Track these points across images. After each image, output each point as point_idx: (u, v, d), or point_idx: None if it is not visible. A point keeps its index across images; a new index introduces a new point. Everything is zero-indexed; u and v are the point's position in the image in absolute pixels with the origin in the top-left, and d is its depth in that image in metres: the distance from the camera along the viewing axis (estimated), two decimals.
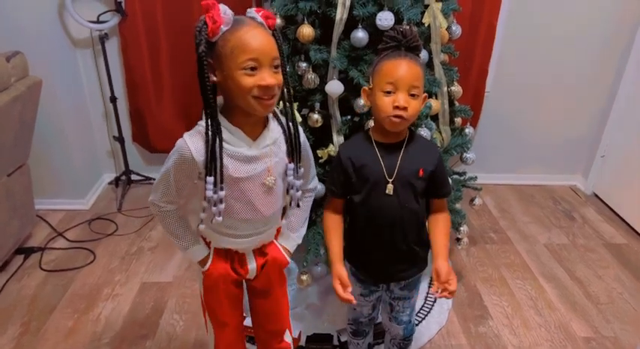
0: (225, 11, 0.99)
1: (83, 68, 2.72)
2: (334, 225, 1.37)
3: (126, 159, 2.91)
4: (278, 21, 1.70)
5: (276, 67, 1.03)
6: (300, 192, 1.23)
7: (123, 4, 2.46)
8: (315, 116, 1.70)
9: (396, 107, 1.18)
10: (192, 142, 1.06)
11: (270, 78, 1.00)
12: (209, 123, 1.04)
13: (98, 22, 2.51)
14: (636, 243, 2.61)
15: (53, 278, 2.23)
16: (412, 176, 1.28)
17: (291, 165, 1.18)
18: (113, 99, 2.71)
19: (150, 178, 3.00)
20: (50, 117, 2.46)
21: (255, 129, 1.11)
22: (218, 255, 1.25)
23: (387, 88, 1.19)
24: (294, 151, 1.17)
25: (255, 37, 0.99)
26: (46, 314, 2.01)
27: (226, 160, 1.07)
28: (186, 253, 1.24)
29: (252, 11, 1.05)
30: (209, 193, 1.07)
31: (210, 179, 1.06)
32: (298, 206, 1.26)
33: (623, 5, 2.64)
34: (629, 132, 2.77)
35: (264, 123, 1.13)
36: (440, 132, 1.88)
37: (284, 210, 1.33)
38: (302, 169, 1.22)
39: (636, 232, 2.68)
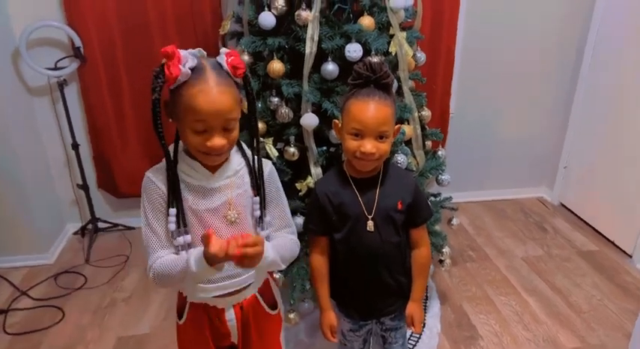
0: (185, 62, 0.95)
1: (40, 116, 2.61)
2: (321, 269, 1.33)
3: (91, 207, 2.79)
4: (245, 57, 1.70)
5: (228, 128, 1.00)
6: (265, 232, 1.15)
7: (82, 50, 2.41)
8: (292, 149, 1.70)
9: (362, 152, 1.17)
10: (155, 176, 1.07)
11: (218, 140, 0.99)
12: (167, 161, 1.05)
13: (56, 68, 2.43)
14: (607, 249, 2.70)
15: (19, 342, 2.06)
16: (391, 210, 1.27)
17: (257, 199, 1.13)
18: (75, 146, 2.61)
19: (118, 225, 2.88)
20: (6, 169, 2.34)
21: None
22: (195, 310, 1.18)
23: (354, 132, 1.18)
24: (257, 182, 1.13)
25: (207, 99, 0.95)
26: None
27: (187, 194, 1.06)
28: (194, 268, 1.01)
29: (222, 55, 1.02)
30: (172, 226, 1.05)
31: (173, 211, 1.04)
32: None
33: (572, 22, 2.81)
34: (587, 143, 2.91)
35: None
36: (414, 157, 1.90)
37: None
38: (268, 218, 1.15)
39: (606, 238, 2.77)
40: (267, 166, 1.17)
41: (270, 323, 1.27)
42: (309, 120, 1.63)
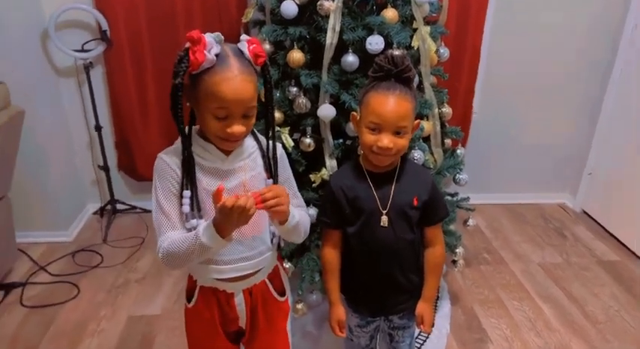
0: (210, 48, 0.95)
1: (66, 97, 2.67)
2: (333, 262, 1.32)
3: (111, 188, 2.85)
4: (267, 46, 1.69)
5: (248, 116, 1.02)
6: None
7: (108, 33, 2.44)
8: (308, 140, 1.69)
9: (379, 147, 1.15)
10: (169, 157, 1.07)
11: (238, 127, 1.01)
12: (183, 142, 1.05)
13: (83, 50, 2.48)
14: (629, 260, 2.61)
15: (35, 314, 2.13)
16: (406, 206, 1.24)
17: (270, 181, 1.14)
18: (98, 128, 2.66)
19: (136, 207, 2.93)
20: (31, 147, 2.40)
21: None
22: (205, 294, 1.19)
23: (372, 126, 1.16)
24: (271, 166, 1.14)
25: (231, 87, 0.96)
26: None
27: (201, 175, 1.07)
28: (204, 239, 0.98)
29: (244, 41, 1.02)
30: (186, 208, 1.05)
31: (187, 193, 1.05)
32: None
33: (603, 24, 2.71)
34: (614, 150, 2.81)
35: None
36: (432, 154, 1.87)
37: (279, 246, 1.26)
38: None
39: (628, 249, 2.68)
40: (279, 149, 1.18)
41: (278, 309, 1.27)
42: (326, 111, 1.62)
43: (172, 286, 2.32)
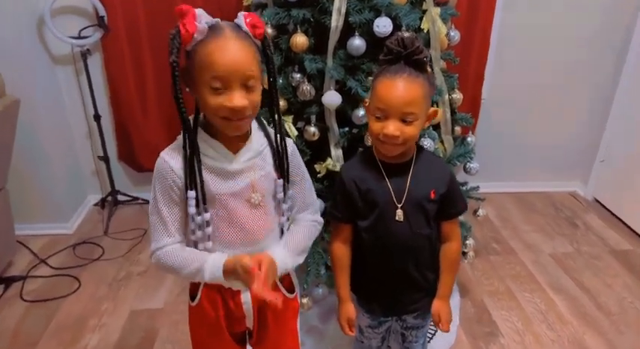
0: (200, 19, 0.89)
1: (64, 86, 2.60)
2: (343, 258, 1.26)
3: (112, 179, 2.79)
4: (269, 30, 1.62)
5: (250, 86, 0.93)
6: (285, 217, 1.12)
7: (105, 19, 2.37)
8: (312, 129, 1.62)
9: (385, 135, 1.09)
10: (171, 157, 1.00)
11: (239, 99, 0.91)
12: (186, 136, 0.97)
13: (79, 37, 2.41)
14: None
15: (36, 308, 2.09)
16: (423, 199, 1.17)
17: (281, 182, 1.07)
18: (97, 118, 2.60)
19: (137, 198, 2.88)
20: (30, 138, 2.34)
21: (236, 141, 1.02)
22: (209, 292, 1.12)
23: (378, 113, 1.10)
24: (282, 164, 1.07)
25: (226, 53, 0.89)
26: (28, 348, 1.87)
27: (206, 175, 1.00)
28: (208, 269, 1.00)
29: (240, 16, 0.95)
30: (192, 210, 0.99)
31: (192, 193, 0.98)
32: (282, 232, 1.14)
33: (618, 5, 2.62)
34: (628, 137, 2.73)
35: (247, 135, 1.04)
36: (442, 142, 1.80)
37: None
38: (290, 191, 1.10)
39: None
40: (290, 145, 1.10)
41: (288, 307, 1.21)
42: (332, 98, 1.54)
43: (175, 279, 2.28)
